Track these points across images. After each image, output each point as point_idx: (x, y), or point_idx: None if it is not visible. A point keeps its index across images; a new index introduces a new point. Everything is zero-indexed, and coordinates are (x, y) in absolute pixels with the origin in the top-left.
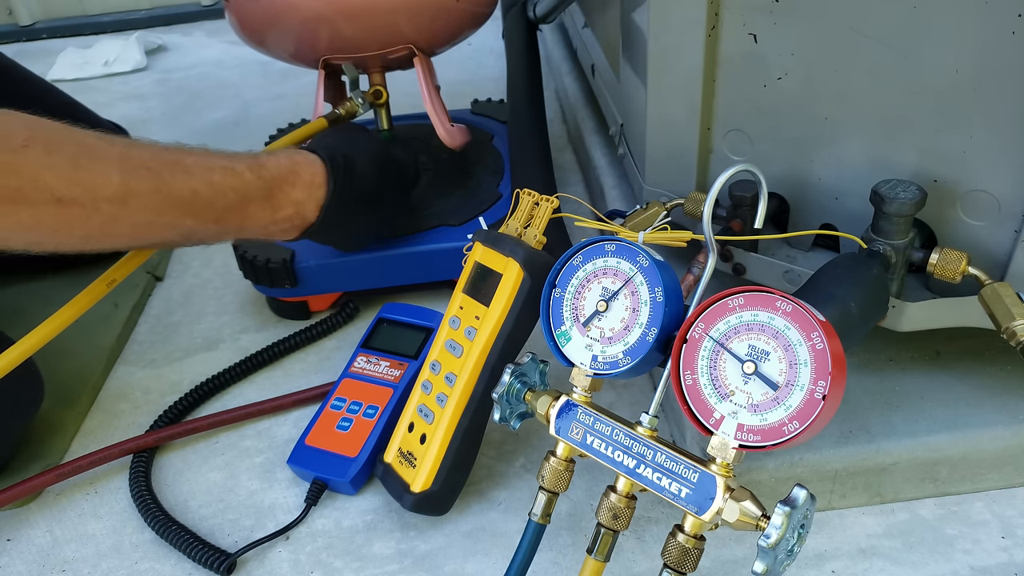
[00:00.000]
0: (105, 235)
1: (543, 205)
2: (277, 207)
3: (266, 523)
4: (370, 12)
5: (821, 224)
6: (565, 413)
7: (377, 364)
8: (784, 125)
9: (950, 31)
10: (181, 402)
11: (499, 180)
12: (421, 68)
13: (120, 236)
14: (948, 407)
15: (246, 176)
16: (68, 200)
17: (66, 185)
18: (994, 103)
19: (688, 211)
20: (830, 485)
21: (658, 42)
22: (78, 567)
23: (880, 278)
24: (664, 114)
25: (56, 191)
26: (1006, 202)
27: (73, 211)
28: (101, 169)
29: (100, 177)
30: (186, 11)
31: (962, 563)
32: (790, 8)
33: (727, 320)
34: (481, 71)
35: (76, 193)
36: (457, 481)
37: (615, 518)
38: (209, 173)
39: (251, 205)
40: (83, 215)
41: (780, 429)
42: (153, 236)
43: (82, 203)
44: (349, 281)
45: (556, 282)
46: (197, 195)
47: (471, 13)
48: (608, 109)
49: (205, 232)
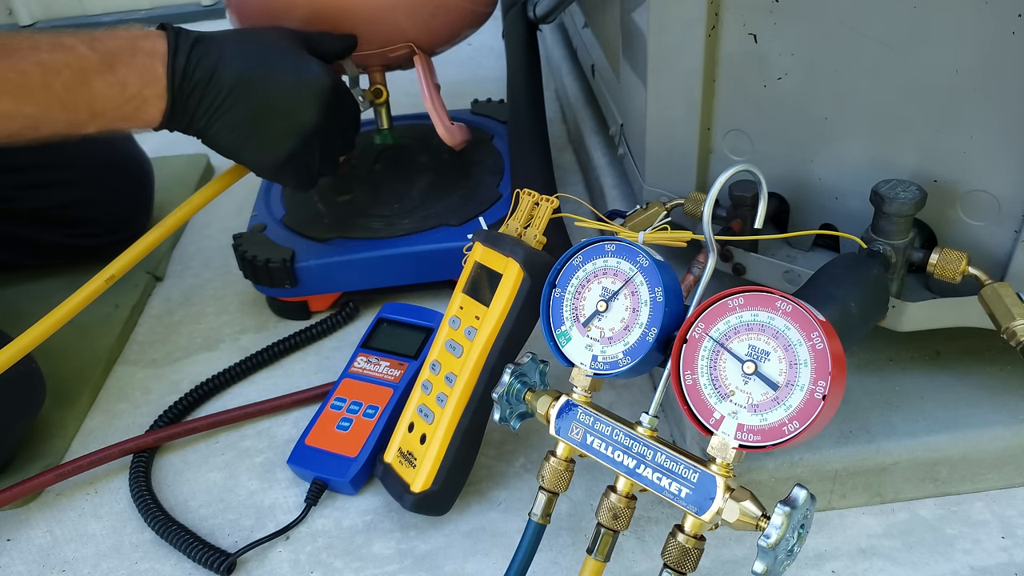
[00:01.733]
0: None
1: (543, 205)
2: (124, 83)
3: (266, 523)
4: (370, 9)
5: (821, 224)
6: (565, 413)
7: (377, 364)
8: (784, 125)
9: (950, 31)
10: (181, 402)
11: (499, 180)
12: (421, 67)
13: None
14: (948, 407)
15: (79, 49)
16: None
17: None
18: (994, 103)
19: (688, 211)
20: (830, 485)
21: (658, 42)
22: (78, 567)
23: (880, 278)
24: (664, 114)
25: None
26: (1006, 202)
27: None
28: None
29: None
30: (186, 11)
31: (962, 563)
32: (790, 8)
33: (727, 320)
34: (481, 71)
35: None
36: (457, 481)
37: (615, 518)
38: (36, 52)
39: (93, 80)
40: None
41: (780, 429)
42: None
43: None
44: (349, 281)
45: (556, 282)
46: (27, 76)
47: (471, 12)
48: (608, 109)
49: (55, 121)
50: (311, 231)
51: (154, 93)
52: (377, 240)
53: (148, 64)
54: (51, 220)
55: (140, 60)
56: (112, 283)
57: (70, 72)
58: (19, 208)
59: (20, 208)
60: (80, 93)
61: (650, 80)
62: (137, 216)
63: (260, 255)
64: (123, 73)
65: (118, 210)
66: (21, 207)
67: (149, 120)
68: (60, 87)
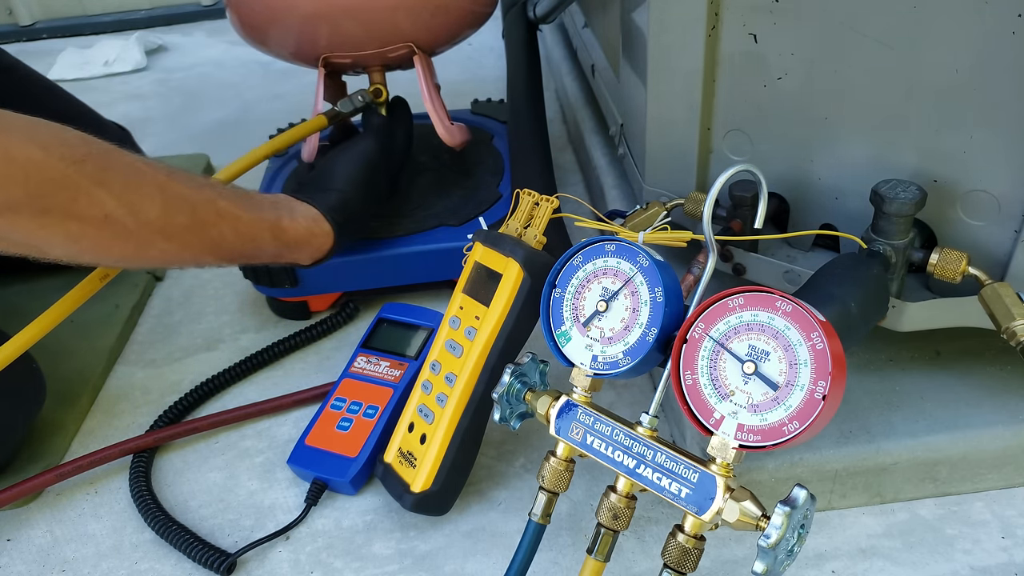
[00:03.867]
0: (137, 257)
1: (543, 205)
2: (281, 258)
3: (266, 523)
4: (370, 9)
5: (821, 224)
6: (565, 413)
7: (377, 364)
8: (784, 125)
9: (950, 31)
10: (181, 402)
11: (499, 180)
12: (421, 67)
13: (149, 260)
14: (948, 407)
15: (266, 237)
16: (115, 219)
17: (116, 204)
18: (994, 103)
19: (688, 211)
20: (830, 485)
21: (658, 42)
22: (78, 567)
23: (880, 278)
24: (664, 114)
25: (106, 208)
26: (1006, 202)
27: (116, 230)
28: (147, 193)
29: (146, 201)
30: (186, 11)
31: (962, 563)
32: (790, 8)
33: (727, 320)
34: (481, 71)
35: (123, 213)
36: (457, 481)
37: (615, 518)
38: (236, 223)
39: (262, 257)
40: (124, 235)
41: (780, 429)
42: (172, 263)
43: (126, 224)
44: (349, 281)
45: (556, 282)
46: (224, 240)
47: (471, 12)
48: (608, 109)
49: (212, 264)
50: None
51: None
52: (377, 240)
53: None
54: None
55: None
56: (107, 281)
57: (252, 247)
58: None
59: None
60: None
61: (650, 80)
62: None
63: None
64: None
65: None
66: None
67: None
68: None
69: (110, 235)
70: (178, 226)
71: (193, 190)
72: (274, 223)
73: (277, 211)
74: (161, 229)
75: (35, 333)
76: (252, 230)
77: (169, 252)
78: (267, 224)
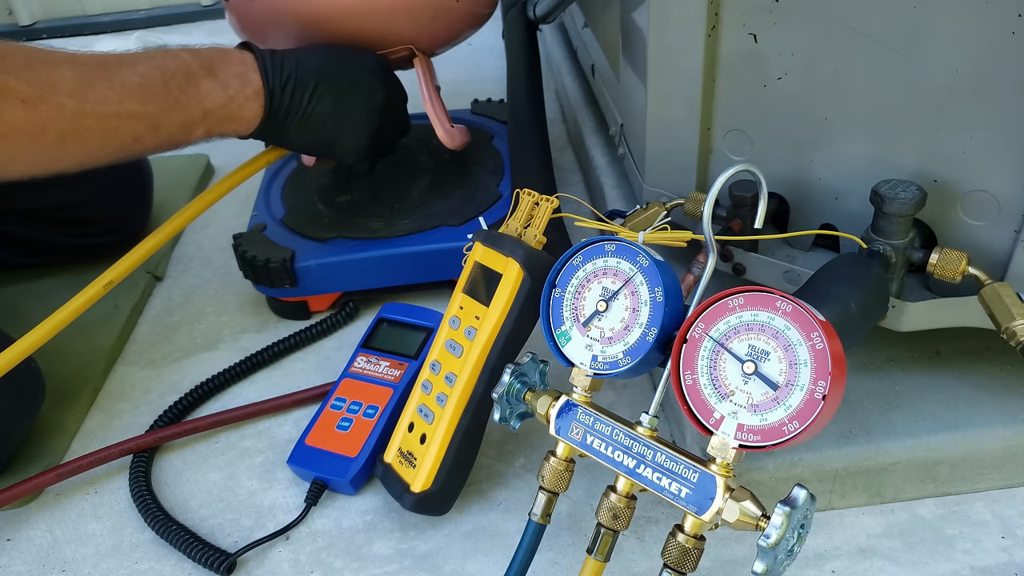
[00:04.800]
0: (77, 132)
1: (543, 205)
2: (224, 83)
3: (266, 523)
4: (370, 13)
5: (821, 224)
6: (565, 413)
7: (377, 364)
8: (784, 125)
9: (950, 31)
10: (181, 402)
11: (499, 180)
12: (421, 69)
13: (92, 132)
14: (948, 407)
15: (183, 56)
16: (32, 99)
17: (26, 86)
18: (994, 103)
19: (688, 211)
20: (830, 485)
21: (658, 42)
22: (78, 567)
23: (880, 278)
24: (664, 114)
25: (19, 92)
26: (1006, 202)
27: (40, 110)
28: (54, 68)
29: (55, 74)
30: (186, 11)
31: (962, 563)
32: (790, 8)
33: (727, 320)
34: (481, 71)
35: (38, 92)
36: (457, 481)
37: (615, 518)
38: (150, 59)
39: (200, 82)
40: (51, 113)
41: (780, 429)
42: (124, 130)
43: (46, 100)
44: (349, 281)
45: (556, 282)
46: (148, 79)
47: (471, 14)
48: (608, 109)
49: (172, 121)
50: (311, 231)
51: (253, 91)
52: (377, 240)
53: (242, 69)
54: (51, 220)
55: (235, 66)
56: (111, 288)
57: (181, 75)
58: (19, 208)
59: (20, 208)
60: (192, 93)
61: (650, 80)
62: (137, 216)
63: (260, 255)
64: (223, 76)
65: (118, 210)
66: (21, 207)
67: (250, 118)
68: (175, 88)
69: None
70: (97, 83)
71: (94, 55)
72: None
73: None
74: (82, 94)
75: (37, 339)
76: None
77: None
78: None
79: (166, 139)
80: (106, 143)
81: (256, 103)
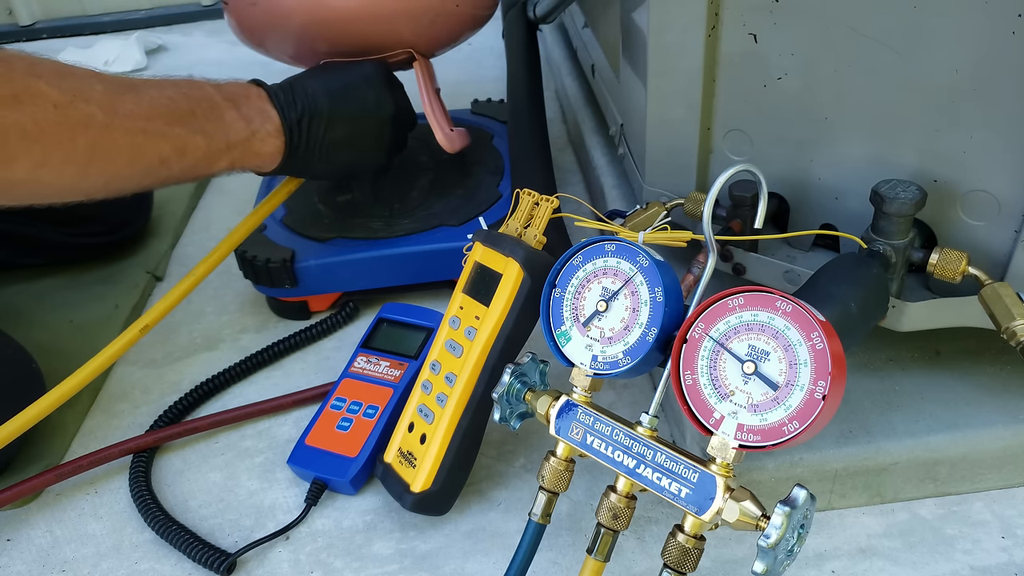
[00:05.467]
0: (106, 146)
1: (543, 205)
2: (248, 117)
3: (266, 523)
4: (370, 17)
5: (821, 224)
6: (565, 413)
7: (377, 364)
8: (784, 125)
9: (950, 31)
10: (181, 402)
11: (499, 180)
12: (420, 71)
13: (121, 147)
14: (948, 407)
15: (207, 88)
16: (64, 104)
17: (58, 91)
18: (994, 103)
19: (688, 211)
20: (830, 485)
21: (658, 42)
22: (78, 567)
23: (880, 278)
24: (664, 114)
25: (50, 96)
26: (1006, 202)
27: (71, 116)
28: (83, 79)
29: (84, 84)
30: (186, 11)
31: (962, 563)
32: (790, 8)
33: (727, 320)
34: (481, 71)
35: (69, 98)
36: (457, 481)
37: (615, 518)
38: (176, 86)
39: (225, 113)
40: (81, 120)
41: (780, 429)
42: (151, 149)
43: (77, 108)
44: (349, 281)
45: (556, 282)
46: (175, 102)
47: (471, 16)
48: (608, 109)
49: (197, 147)
50: (311, 231)
51: (274, 127)
52: (377, 240)
53: (261, 104)
54: (51, 219)
55: (254, 100)
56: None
57: (207, 104)
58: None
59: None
60: (217, 123)
61: (650, 80)
62: (137, 216)
63: (260, 255)
64: (245, 110)
65: (118, 210)
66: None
67: (272, 153)
68: (201, 114)
69: (66, 125)
70: (126, 99)
71: (118, 77)
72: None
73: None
74: (112, 107)
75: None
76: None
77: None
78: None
79: (191, 165)
80: (133, 161)
81: (277, 139)
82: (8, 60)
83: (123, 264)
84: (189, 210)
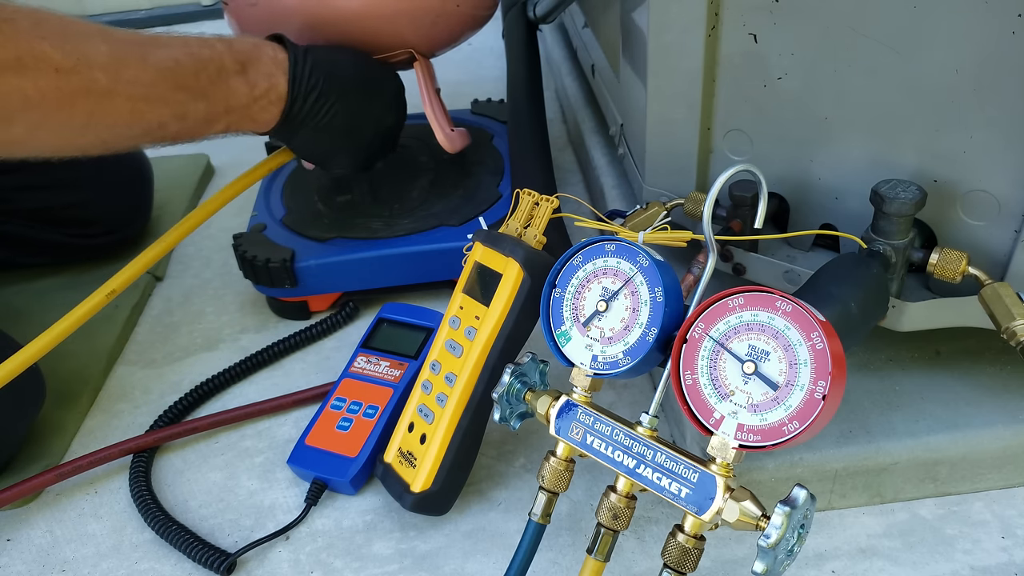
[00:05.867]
0: (106, 110)
1: (543, 205)
2: (253, 83)
3: (266, 523)
4: (370, 18)
5: (821, 224)
6: (565, 413)
7: (377, 364)
8: (784, 125)
9: (950, 31)
10: (181, 402)
11: (499, 180)
12: (421, 72)
13: (120, 112)
14: (948, 407)
15: (218, 47)
16: (66, 69)
17: (61, 54)
18: (994, 103)
19: (688, 211)
20: (830, 485)
21: (658, 42)
22: (78, 567)
23: (880, 278)
24: (664, 114)
25: (53, 60)
26: (1006, 202)
27: (72, 81)
28: (88, 40)
29: (90, 47)
30: (186, 11)
31: (962, 563)
32: (790, 8)
33: (727, 320)
34: (481, 71)
35: (72, 62)
36: (457, 481)
37: (615, 518)
38: (186, 46)
39: (231, 78)
40: (83, 86)
41: (780, 429)
42: (151, 113)
43: (80, 72)
44: (349, 281)
45: (556, 282)
46: (180, 64)
47: (472, 16)
48: (608, 109)
49: (197, 111)
50: (311, 231)
51: (277, 95)
52: (377, 240)
53: (271, 70)
54: (51, 220)
55: (266, 65)
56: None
57: (214, 67)
58: (19, 208)
59: (20, 208)
60: (220, 87)
61: (650, 80)
62: (137, 216)
63: (260, 255)
64: (253, 75)
65: (118, 210)
66: (21, 207)
67: (267, 121)
68: (205, 79)
69: (67, 89)
70: (131, 62)
71: (130, 33)
72: (218, 37)
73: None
74: (115, 70)
75: (39, 349)
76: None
77: (136, 96)
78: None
79: (188, 128)
80: (132, 125)
81: (277, 107)
82: (13, 19)
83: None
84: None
